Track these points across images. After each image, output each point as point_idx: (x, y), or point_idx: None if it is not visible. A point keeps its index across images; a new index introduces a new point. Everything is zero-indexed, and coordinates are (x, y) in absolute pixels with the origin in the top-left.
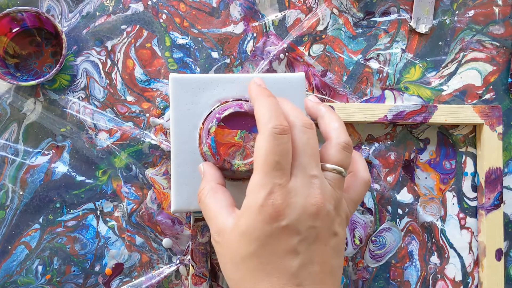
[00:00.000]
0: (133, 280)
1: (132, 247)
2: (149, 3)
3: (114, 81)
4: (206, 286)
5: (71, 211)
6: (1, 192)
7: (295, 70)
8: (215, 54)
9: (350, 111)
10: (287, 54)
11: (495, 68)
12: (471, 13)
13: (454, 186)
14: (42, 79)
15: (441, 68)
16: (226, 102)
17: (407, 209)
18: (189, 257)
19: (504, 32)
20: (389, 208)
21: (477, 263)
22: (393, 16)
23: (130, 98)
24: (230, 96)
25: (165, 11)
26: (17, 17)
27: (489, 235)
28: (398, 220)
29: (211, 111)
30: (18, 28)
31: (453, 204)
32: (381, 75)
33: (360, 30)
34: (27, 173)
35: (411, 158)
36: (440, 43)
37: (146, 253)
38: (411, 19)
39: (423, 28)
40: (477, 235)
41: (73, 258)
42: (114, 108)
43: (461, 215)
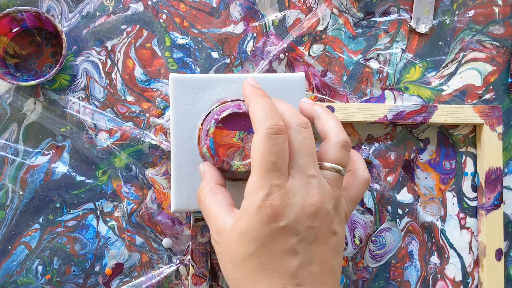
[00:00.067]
0: (133, 280)
1: (132, 247)
2: (149, 3)
3: (114, 81)
4: (206, 286)
5: (71, 211)
6: (1, 192)
7: (295, 70)
8: (215, 54)
9: (350, 111)
10: (287, 54)
11: (495, 68)
12: (471, 13)
13: (454, 186)
14: (42, 79)
15: (441, 68)
16: (225, 102)
17: (407, 209)
18: (189, 257)
19: (504, 32)
20: (389, 208)
21: (477, 263)
22: (393, 16)
23: (130, 98)
24: (230, 96)
25: (165, 11)
26: (17, 17)
27: (489, 235)
28: (398, 220)
29: (210, 112)
30: (18, 28)
31: (453, 204)
32: (381, 75)
33: (360, 30)
34: (27, 173)
35: (411, 158)
36: (440, 43)
37: (146, 253)
38: (411, 19)
39: (423, 28)
40: (477, 235)
41: (73, 258)
42: (114, 108)
43: (461, 215)
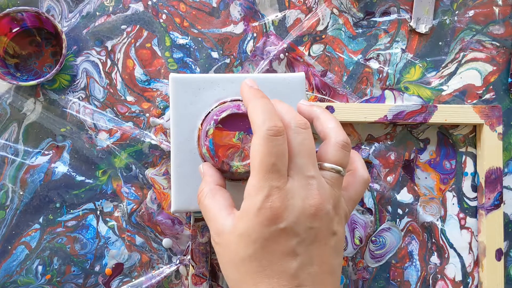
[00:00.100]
0: (133, 280)
1: (132, 247)
2: (149, 3)
3: (114, 81)
4: (206, 286)
5: (71, 211)
6: (1, 192)
7: (295, 70)
8: (215, 54)
9: (350, 111)
10: (287, 54)
11: (495, 68)
12: (471, 13)
13: (454, 186)
14: (42, 79)
15: (441, 68)
16: (224, 102)
17: (407, 209)
18: (189, 257)
19: (504, 32)
20: (389, 208)
21: (477, 263)
22: (393, 16)
23: (130, 98)
24: (230, 96)
25: (165, 11)
26: (17, 17)
27: (489, 235)
28: (398, 220)
29: (209, 112)
30: (18, 28)
31: (453, 204)
32: (381, 75)
33: (360, 30)
34: (27, 173)
35: (411, 158)
36: (440, 43)
37: (146, 253)
38: (411, 19)
39: (423, 28)
40: (477, 235)
41: (73, 258)
42: (114, 108)
43: (461, 215)
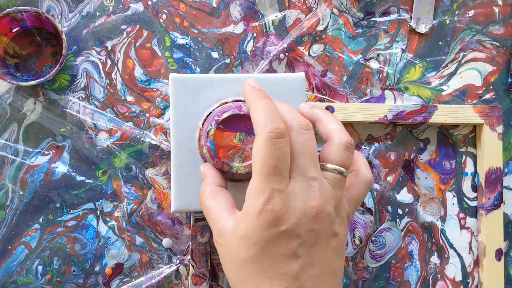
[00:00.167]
0: (133, 280)
1: (132, 247)
2: (149, 3)
3: (114, 81)
4: (206, 286)
5: (71, 211)
6: (1, 192)
7: (295, 70)
8: (215, 54)
9: (350, 111)
10: (287, 54)
11: (495, 68)
12: (471, 13)
13: (454, 186)
14: (42, 79)
15: (441, 68)
16: (226, 103)
17: (407, 209)
18: (189, 257)
19: (504, 32)
20: (389, 208)
21: (477, 263)
22: (393, 16)
23: (130, 98)
24: (230, 96)
25: (165, 11)
26: (17, 17)
27: (489, 235)
28: (398, 220)
29: (211, 112)
30: (18, 28)
31: (453, 204)
32: (381, 75)
33: (360, 30)
34: (27, 173)
35: (411, 158)
36: (440, 43)
37: (146, 253)
38: (411, 19)
39: (423, 28)
40: (477, 235)
41: (73, 258)
42: (114, 108)
43: (461, 215)
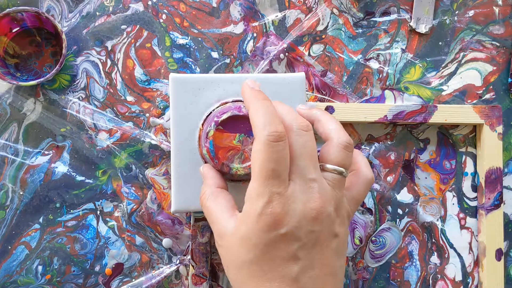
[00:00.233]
0: (133, 280)
1: (132, 247)
2: (149, 3)
3: (114, 81)
4: (206, 286)
5: (71, 211)
6: (1, 192)
7: (295, 70)
8: (215, 54)
9: (350, 111)
10: (287, 54)
11: (495, 68)
12: (471, 13)
13: (454, 186)
14: (42, 79)
15: (441, 68)
16: (226, 103)
17: (407, 209)
18: (189, 257)
19: (504, 32)
20: (389, 208)
21: (477, 263)
22: (393, 16)
23: (130, 98)
24: (231, 96)
25: (165, 11)
26: (17, 17)
27: (489, 235)
28: (398, 220)
29: (211, 112)
30: (18, 28)
31: (453, 204)
32: (381, 75)
33: (360, 30)
34: (27, 173)
35: (411, 158)
36: (440, 43)
37: (146, 253)
38: (411, 19)
39: (423, 28)
40: (477, 235)
41: (73, 258)
42: (114, 108)
43: (461, 215)
